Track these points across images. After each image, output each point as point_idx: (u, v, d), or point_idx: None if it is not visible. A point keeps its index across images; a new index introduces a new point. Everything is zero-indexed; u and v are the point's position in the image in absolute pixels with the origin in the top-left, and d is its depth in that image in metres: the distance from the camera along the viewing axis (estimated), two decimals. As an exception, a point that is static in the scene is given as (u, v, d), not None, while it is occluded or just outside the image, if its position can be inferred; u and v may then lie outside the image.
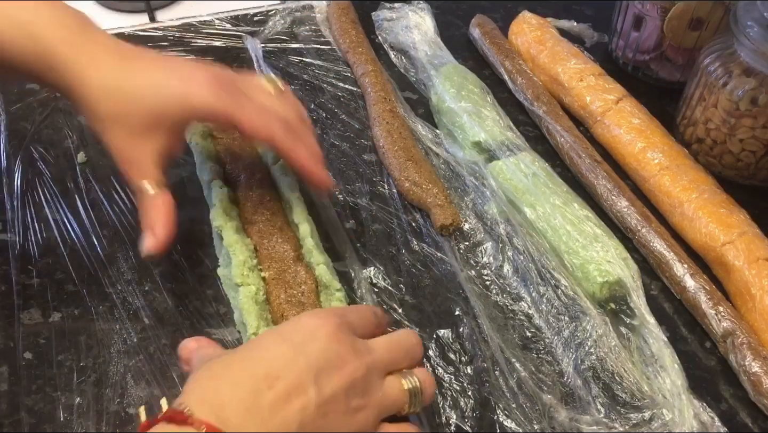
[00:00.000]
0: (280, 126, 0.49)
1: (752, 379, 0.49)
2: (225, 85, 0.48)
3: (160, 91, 0.46)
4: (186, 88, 0.47)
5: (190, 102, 0.47)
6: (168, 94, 0.46)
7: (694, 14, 0.69)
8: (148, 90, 0.46)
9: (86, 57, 0.46)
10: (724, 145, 0.64)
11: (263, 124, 0.48)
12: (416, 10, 0.82)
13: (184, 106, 0.47)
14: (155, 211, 0.47)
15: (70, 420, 0.47)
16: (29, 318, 0.52)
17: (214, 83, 0.47)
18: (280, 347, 0.38)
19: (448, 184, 0.63)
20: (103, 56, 0.46)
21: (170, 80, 0.47)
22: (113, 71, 0.46)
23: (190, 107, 0.47)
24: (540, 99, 0.70)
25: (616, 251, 0.55)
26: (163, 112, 0.46)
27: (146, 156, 0.47)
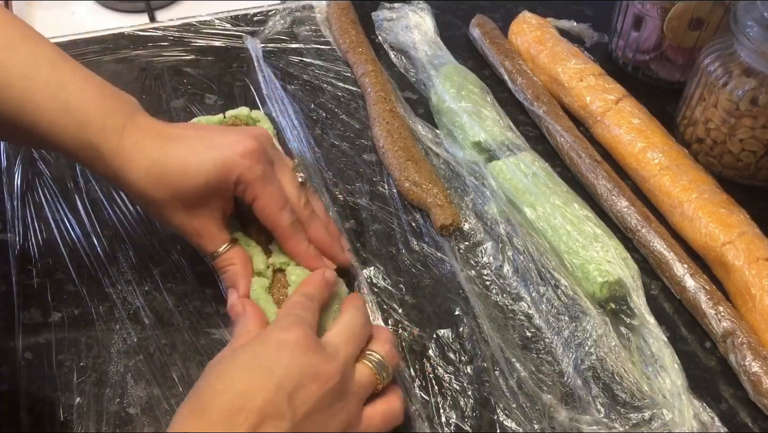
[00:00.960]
0: (288, 219, 0.50)
1: (752, 379, 0.49)
2: (262, 156, 0.49)
3: (200, 167, 0.47)
4: (223, 156, 0.47)
5: (229, 169, 0.47)
6: (209, 167, 0.47)
7: (694, 14, 0.69)
8: (190, 167, 0.47)
9: (131, 143, 0.47)
10: (724, 145, 0.64)
11: (276, 209, 0.49)
12: (416, 10, 0.82)
13: (223, 177, 0.48)
14: (233, 270, 0.50)
15: (70, 420, 0.47)
16: (29, 318, 0.52)
17: (253, 146, 0.48)
18: (252, 375, 0.39)
19: (448, 184, 0.63)
20: (145, 141, 0.47)
21: (208, 152, 0.48)
22: (156, 153, 0.47)
23: (230, 174, 0.48)
24: (540, 99, 0.70)
25: (616, 251, 0.55)
26: (206, 186, 0.47)
27: (209, 224, 0.49)
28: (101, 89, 0.48)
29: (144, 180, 0.47)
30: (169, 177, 0.47)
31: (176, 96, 0.72)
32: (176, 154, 0.47)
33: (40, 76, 0.46)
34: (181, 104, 0.71)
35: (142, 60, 0.76)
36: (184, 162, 0.47)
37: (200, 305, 0.54)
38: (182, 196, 0.47)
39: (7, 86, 0.45)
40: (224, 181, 0.48)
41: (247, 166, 0.48)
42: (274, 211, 0.49)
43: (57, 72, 0.47)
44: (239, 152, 0.48)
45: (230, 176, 0.48)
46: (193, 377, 0.49)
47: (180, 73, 0.75)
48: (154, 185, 0.47)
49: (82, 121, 0.46)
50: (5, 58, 0.46)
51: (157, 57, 0.77)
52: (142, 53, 0.77)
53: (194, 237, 0.50)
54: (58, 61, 0.48)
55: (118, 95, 0.49)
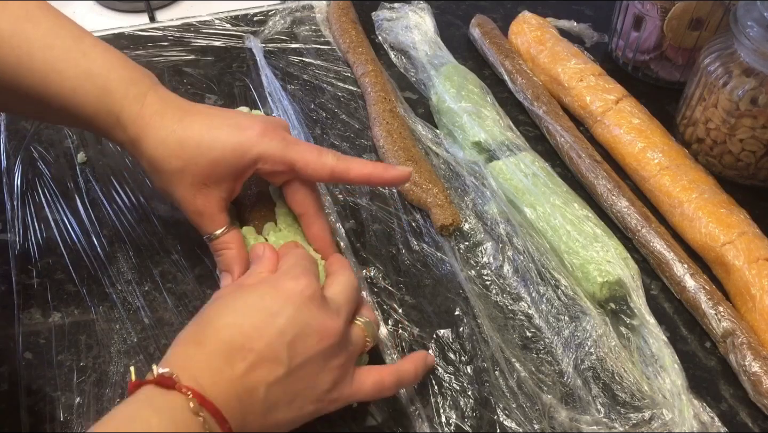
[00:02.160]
0: (333, 155, 0.50)
1: (752, 379, 0.49)
2: (277, 130, 0.49)
3: (217, 142, 0.48)
4: (241, 136, 0.48)
5: (245, 149, 0.48)
6: (225, 144, 0.48)
7: (694, 14, 0.69)
8: (205, 141, 0.47)
9: (150, 112, 0.48)
10: (724, 145, 0.64)
11: (316, 160, 0.49)
12: (416, 10, 0.82)
13: (240, 154, 0.48)
14: (229, 253, 0.50)
15: (70, 420, 0.47)
16: (29, 318, 0.52)
17: (266, 130, 0.49)
18: (258, 317, 0.40)
19: (448, 184, 0.63)
20: (166, 110, 0.48)
21: (226, 130, 0.48)
22: (175, 124, 0.48)
23: (245, 154, 0.48)
24: (540, 99, 0.70)
25: (616, 251, 0.55)
26: (221, 162, 0.48)
27: (212, 205, 0.49)
28: (123, 60, 0.49)
29: (160, 149, 0.47)
30: (185, 149, 0.47)
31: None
32: (195, 127, 0.48)
33: (62, 44, 0.47)
34: (181, 104, 0.71)
35: (142, 60, 0.76)
36: (202, 134, 0.47)
37: (200, 305, 0.53)
38: (194, 169, 0.48)
39: (29, 56, 0.46)
40: (240, 159, 0.48)
41: (266, 143, 0.48)
42: (317, 164, 0.49)
43: (79, 41, 0.48)
44: (258, 131, 0.48)
45: (247, 155, 0.48)
46: (193, 377, 0.49)
47: (180, 73, 0.75)
48: (168, 155, 0.47)
49: (105, 88, 0.47)
50: (27, 29, 0.46)
51: (157, 57, 0.77)
52: (142, 53, 0.77)
53: (195, 215, 0.50)
54: (79, 32, 0.48)
55: (139, 67, 0.50)
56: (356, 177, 0.50)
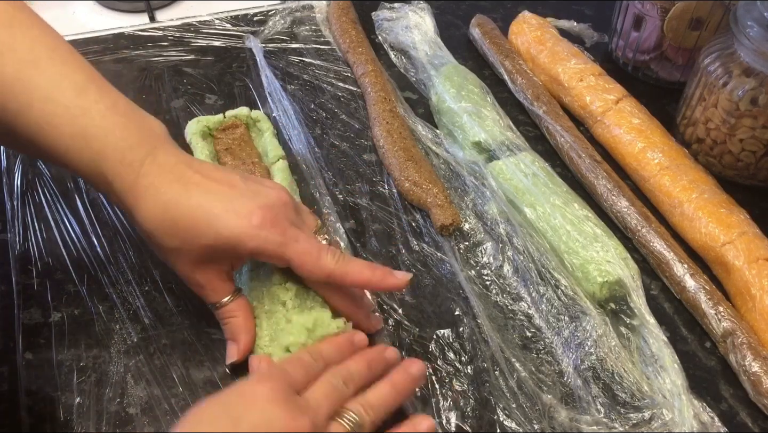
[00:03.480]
0: (330, 259, 0.47)
1: (752, 379, 0.49)
2: (277, 221, 0.46)
3: (212, 227, 0.45)
4: (237, 226, 0.45)
5: (241, 241, 0.46)
6: (220, 230, 0.45)
7: (694, 14, 0.69)
8: (200, 224, 0.45)
9: (146, 183, 0.45)
10: (724, 145, 0.64)
11: (314, 263, 0.47)
12: (416, 10, 0.82)
13: (235, 244, 0.46)
14: (234, 323, 0.48)
15: (70, 420, 0.47)
16: (29, 318, 0.52)
17: (266, 221, 0.46)
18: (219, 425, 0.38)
19: (448, 185, 0.63)
20: (162, 183, 0.45)
21: (223, 215, 0.45)
22: (170, 200, 0.45)
23: (241, 245, 0.46)
24: (540, 99, 0.70)
25: (616, 251, 0.55)
26: (217, 247, 0.46)
27: (213, 277, 0.48)
28: (125, 118, 0.46)
29: (154, 225, 0.46)
30: (179, 229, 0.45)
31: (176, 96, 0.72)
32: (190, 206, 0.45)
33: (62, 98, 0.45)
34: (181, 104, 0.71)
35: (142, 60, 0.76)
36: (196, 218, 0.45)
37: (200, 305, 0.53)
38: (188, 249, 0.46)
39: (28, 106, 0.44)
40: (234, 249, 0.46)
41: (263, 238, 0.45)
42: (312, 266, 0.47)
43: (81, 96, 0.45)
44: (256, 223, 0.45)
45: (241, 246, 0.46)
46: (193, 377, 0.49)
47: (180, 73, 0.75)
48: (163, 232, 0.46)
49: (100, 152, 0.45)
50: (30, 76, 0.45)
51: (157, 57, 0.77)
52: (142, 53, 0.77)
53: (195, 287, 0.49)
54: (84, 83, 0.46)
55: (142, 124, 0.47)
56: (353, 282, 0.48)
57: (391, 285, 0.49)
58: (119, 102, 0.47)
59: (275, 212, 0.47)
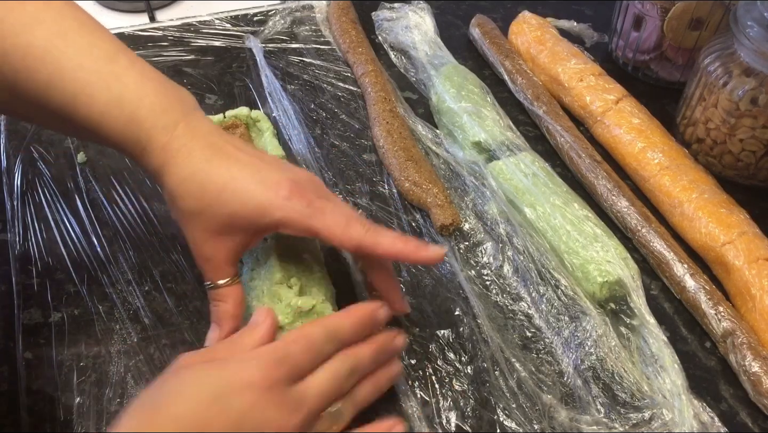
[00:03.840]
0: (360, 228, 0.46)
1: (752, 379, 0.49)
2: (305, 193, 0.46)
3: (239, 195, 0.45)
4: (264, 195, 0.45)
5: (267, 211, 0.45)
6: (246, 199, 0.45)
7: (694, 14, 0.69)
8: (227, 191, 0.45)
9: (178, 145, 0.45)
10: (724, 145, 0.64)
11: (342, 232, 0.46)
12: (416, 10, 0.82)
13: (260, 213, 0.45)
14: (223, 307, 0.48)
15: (70, 420, 0.47)
16: (29, 318, 0.52)
17: (293, 192, 0.45)
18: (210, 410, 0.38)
19: (448, 184, 0.63)
20: (194, 146, 0.45)
21: (251, 184, 0.45)
22: (200, 164, 0.45)
23: (266, 215, 0.45)
24: (540, 99, 0.70)
25: (616, 251, 0.55)
26: (240, 216, 0.45)
27: (222, 254, 0.47)
28: (158, 83, 0.47)
29: (180, 187, 0.45)
30: (204, 194, 0.45)
31: (176, 96, 0.72)
32: (219, 173, 0.45)
33: (94, 66, 0.45)
34: (181, 104, 0.71)
35: (142, 60, 0.76)
36: (225, 183, 0.45)
37: (200, 305, 0.54)
38: (211, 216, 0.46)
39: (60, 76, 0.44)
40: (260, 218, 0.45)
41: (290, 208, 0.45)
42: (341, 236, 0.46)
43: (112, 63, 0.46)
44: (284, 193, 0.45)
45: (267, 216, 0.45)
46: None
47: (180, 73, 0.75)
48: (188, 195, 0.45)
49: (134, 116, 0.45)
50: (60, 46, 0.45)
51: (157, 57, 0.77)
52: (142, 53, 0.77)
53: (201, 260, 0.48)
54: (114, 52, 0.46)
55: (175, 91, 0.47)
56: (385, 253, 0.46)
57: (424, 258, 0.47)
58: (149, 69, 0.47)
59: (303, 185, 0.46)
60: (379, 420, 0.45)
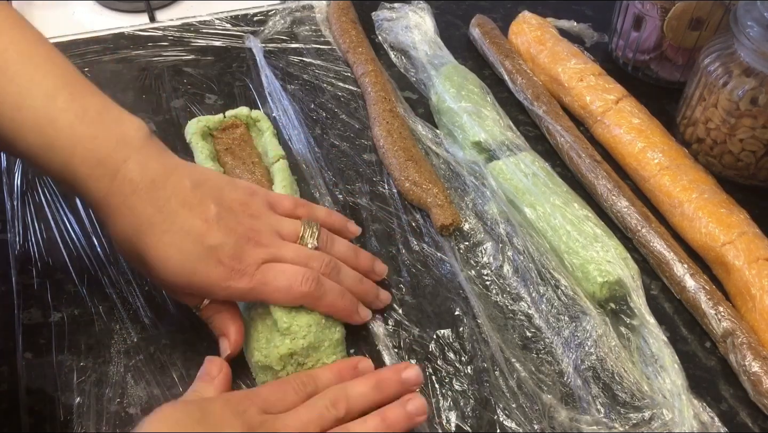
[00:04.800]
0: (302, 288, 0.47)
1: (752, 379, 0.49)
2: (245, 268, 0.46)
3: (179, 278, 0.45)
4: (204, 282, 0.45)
5: (211, 293, 0.46)
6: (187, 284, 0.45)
7: (694, 14, 0.69)
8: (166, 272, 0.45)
9: (116, 201, 0.44)
10: (724, 145, 0.64)
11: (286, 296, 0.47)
12: (416, 10, 0.82)
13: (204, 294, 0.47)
14: (220, 318, 0.48)
15: (70, 420, 0.47)
16: (29, 318, 0.52)
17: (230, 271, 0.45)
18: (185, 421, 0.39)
19: (448, 184, 0.63)
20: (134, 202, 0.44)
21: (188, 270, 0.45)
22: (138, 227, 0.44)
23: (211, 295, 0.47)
24: (540, 99, 0.70)
25: (616, 251, 0.55)
26: (184, 292, 0.47)
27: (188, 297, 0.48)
28: (94, 128, 0.44)
29: (124, 246, 0.46)
30: (149, 261, 0.45)
31: (176, 96, 0.72)
32: (163, 246, 0.44)
33: (32, 106, 0.44)
34: (181, 104, 0.71)
35: (142, 60, 0.76)
36: (161, 265, 0.44)
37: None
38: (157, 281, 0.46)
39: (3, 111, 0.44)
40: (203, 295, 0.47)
41: (232, 290, 0.46)
42: (287, 299, 0.47)
43: (49, 104, 0.44)
44: (220, 277, 0.45)
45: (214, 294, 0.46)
46: (193, 377, 0.49)
47: (180, 73, 0.75)
48: (133, 259, 0.46)
49: (68, 163, 0.44)
50: (1, 84, 0.44)
51: (157, 57, 0.77)
52: (142, 53, 0.77)
53: (173, 295, 0.49)
54: (54, 90, 0.44)
55: (114, 133, 0.45)
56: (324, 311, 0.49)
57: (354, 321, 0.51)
58: (90, 108, 0.45)
59: (245, 257, 0.46)
60: None
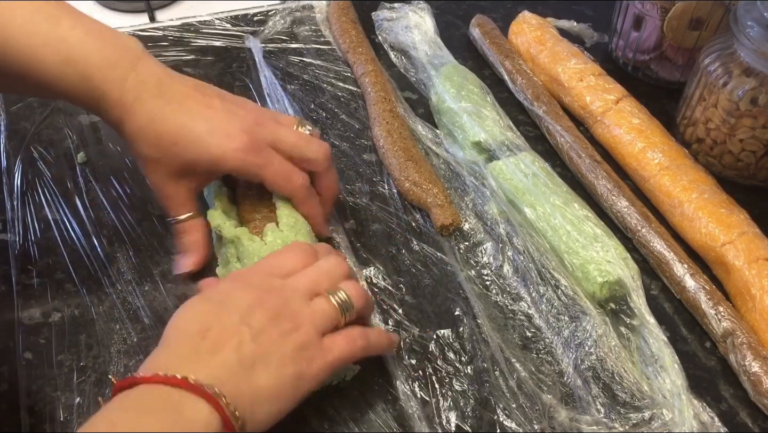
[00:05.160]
0: (300, 185, 0.53)
1: (752, 379, 0.49)
2: (254, 143, 0.51)
3: (194, 144, 0.49)
4: (217, 148, 0.50)
5: (221, 161, 0.50)
6: (201, 151, 0.50)
7: (694, 14, 0.69)
8: (181, 142, 0.49)
9: (131, 98, 0.49)
10: (724, 145, 0.64)
11: (284, 183, 0.52)
12: (416, 10, 0.82)
13: (215, 163, 0.50)
14: (188, 236, 0.53)
15: (70, 420, 0.47)
16: (29, 318, 0.52)
17: (246, 141, 0.50)
18: (204, 306, 0.43)
19: (448, 185, 0.63)
20: (147, 97, 0.49)
21: (203, 136, 0.50)
22: (152, 114, 0.49)
23: (220, 165, 0.50)
24: (540, 99, 0.70)
25: (616, 251, 0.55)
26: (195, 163, 0.50)
27: (182, 193, 0.52)
28: (102, 38, 0.49)
29: (138, 136, 0.50)
30: (160, 143, 0.49)
31: (176, 96, 0.72)
32: (173, 123, 0.49)
33: (41, 30, 0.48)
34: (181, 104, 0.71)
35: (142, 60, 0.76)
36: (180, 132, 0.49)
37: (200, 305, 0.53)
38: (168, 163, 0.50)
39: (14, 42, 0.47)
40: (214, 167, 0.50)
41: (241, 160, 0.50)
42: (283, 185, 0.52)
43: (57, 25, 0.48)
44: (234, 147, 0.50)
45: (221, 166, 0.50)
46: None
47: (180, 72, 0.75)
48: (145, 144, 0.50)
49: (85, 73, 0.48)
50: (6, 15, 0.47)
51: (157, 57, 0.75)
52: (142, 53, 0.77)
53: (162, 198, 0.53)
54: (56, 13, 0.49)
55: (119, 42, 0.50)
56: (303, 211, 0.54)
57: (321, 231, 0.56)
58: (92, 27, 0.50)
59: (254, 135, 0.51)
60: None
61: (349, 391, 0.49)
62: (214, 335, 0.40)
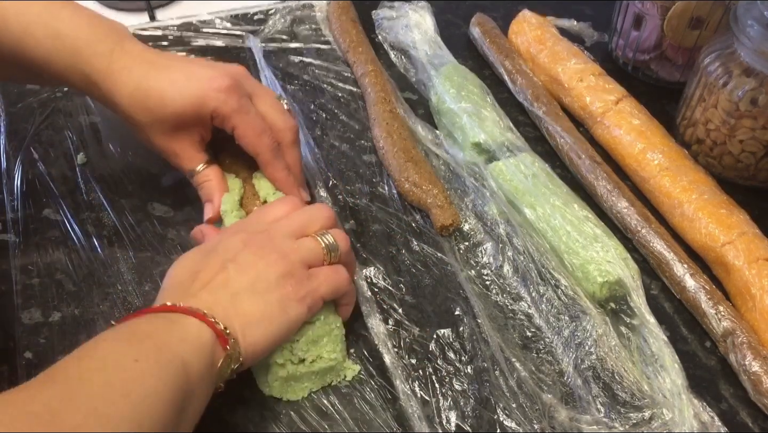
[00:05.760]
0: (268, 144, 0.54)
1: (752, 378, 0.49)
2: (235, 88, 0.53)
3: (178, 95, 0.51)
4: (199, 89, 0.52)
5: (203, 102, 0.52)
6: (185, 96, 0.51)
7: (694, 13, 0.69)
8: (168, 94, 0.51)
9: (118, 67, 0.52)
10: (723, 146, 0.64)
11: (254, 136, 0.54)
12: (416, 8, 0.82)
13: (199, 105, 0.52)
14: (209, 185, 0.55)
15: (71, 420, 0.46)
16: (29, 318, 0.52)
17: (228, 83, 0.52)
18: (196, 255, 0.47)
19: (448, 185, 0.63)
20: (132, 66, 0.52)
21: (186, 83, 0.52)
22: (140, 79, 0.51)
23: (203, 106, 0.52)
24: (540, 100, 0.70)
25: (616, 251, 0.55)
26: (184, 112, 0.52)
27: (187, 147, 0.54)
28: (90, 18, 0.53)
29: (128, 103, 0.52)
30: (150, 103, 0.51)
31: (176, 96, 0.72)
32: (158, 82, 0.51)
33: (33, 9, 0.51)
34: (181, 104, 0.71)
35: (142, 60, 0.76)
36: (163, 90, 0.51)
37: (200, 305, 0.53)
38: (161, 120, 0.52)
39: (6, 21, 0.50)
40: (199, 111, 0.52)
41: (221, 100, 0.52)
42: (253, 138, 0.53)
43: (48, 5, 0.52)
44: (215, 87, 0.52)
45: (204, 108, 0.52)
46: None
47: (180, 72, 0.75)
48: (137, 109, 0.52)
49: (74, 47, 0.51)
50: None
51: (157, 57, 0.76)
52: (142, 53, 0.77)
53: (174, 157, 0.54)
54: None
55: (107, 23, 0.53)
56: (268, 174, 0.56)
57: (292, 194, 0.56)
58: (80, 7, 0.53)
59: (235, 79, 0.53)
60: None
61: (349, 391, 0.49)
62: (203, 276, 0.45)
